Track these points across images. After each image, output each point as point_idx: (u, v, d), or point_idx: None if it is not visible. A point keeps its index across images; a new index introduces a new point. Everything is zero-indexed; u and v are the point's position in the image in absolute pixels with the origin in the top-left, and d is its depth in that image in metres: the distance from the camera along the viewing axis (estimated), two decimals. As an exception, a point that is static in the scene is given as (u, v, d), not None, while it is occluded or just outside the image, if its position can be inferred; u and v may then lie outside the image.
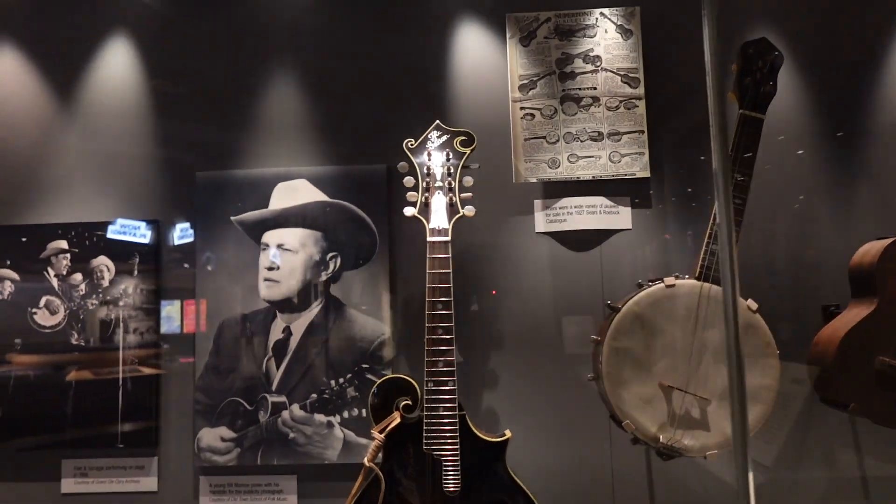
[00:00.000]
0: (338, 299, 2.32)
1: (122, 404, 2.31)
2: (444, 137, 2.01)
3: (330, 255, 2.33)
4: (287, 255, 2.34)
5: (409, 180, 1.98)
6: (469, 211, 1.92)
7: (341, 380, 2.29)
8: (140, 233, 2.34)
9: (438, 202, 1.89)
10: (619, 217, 2.33)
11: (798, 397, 2.03)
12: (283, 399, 2.30)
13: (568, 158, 2.32)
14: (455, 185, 1.92)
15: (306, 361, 2.31)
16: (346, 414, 2.28)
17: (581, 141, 2.33)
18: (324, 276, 2.33)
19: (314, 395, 2.29)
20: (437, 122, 2.05)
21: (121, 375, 2.32)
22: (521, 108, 2.35)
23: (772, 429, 2.03)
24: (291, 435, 2.27)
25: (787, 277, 2.26)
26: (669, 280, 1.75)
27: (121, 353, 2.33)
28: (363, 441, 2.26)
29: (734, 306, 1.08)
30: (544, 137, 2.34)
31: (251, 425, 2.29)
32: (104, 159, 2.43)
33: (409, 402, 1.77)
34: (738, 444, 1.08)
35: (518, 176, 2.32)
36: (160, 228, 2.39)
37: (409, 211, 1.92)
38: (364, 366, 2.29)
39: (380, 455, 1.74)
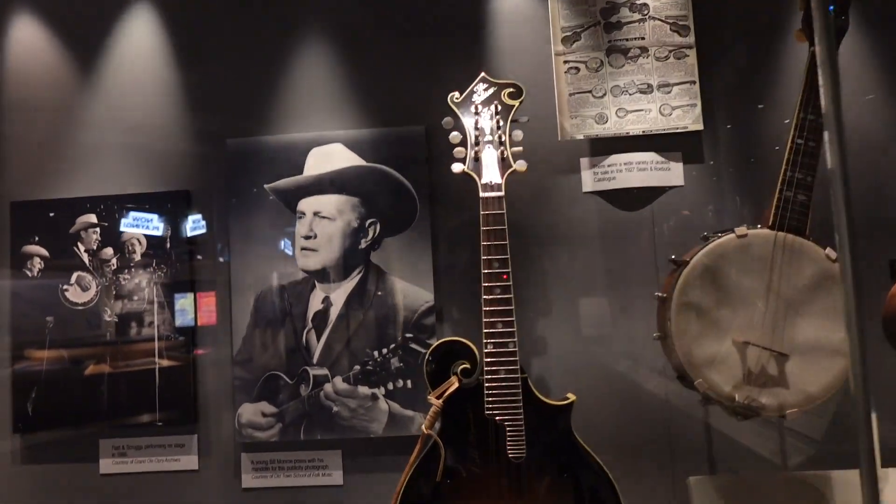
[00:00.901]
0: (378, 267, 2.23)
1: (160, 381, 2.24)
2: (491, 90, 1.90)
3: (369, 221, 2.24)
4: (324, 223, 2.25)
5: (455, 136, 1.88)
6: (521, 166, 1.81)
7: (385, 350, 2.20)
8: (153, 225, 2.25)
9: (489, 157, 1.79)
10: (671, 173, 2.21)
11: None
12: (324, 372, 2.21)
13: (616, 113, 2.21)
14: (506, 138, 1.81)
15: (348, 332, 2.22)
16: (390, 385, 2.19)
17: (629, 94, 2.21)
18: (363, 244, 2.23)
19: (357, 367, 2.20)
20: (483, 73, 1.94)
21: (156, 350, 2.24)
22: (565, 62, 2.23)
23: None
24: (335, 408, 2.19)
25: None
26: (741, 230, 1.64)
27: (155, 329, 2.25)
28: (409, 413, 2.18)
29: (853, 267, 0.95)
30: (590, 92, 2.22)
31: (292, 399, 2.20)
32: (131, 129, 2.33)
33: (468, 366, 1.67)
34: (862, 420, 0.94)
35: (563, 133, 2.20)
36: (190, 198, 2.30)
37: (457, 167, 1.82)
38: (408, 335, 2.19)
39: (438, 422, 1.65)
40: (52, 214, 2.29)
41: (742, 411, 1.59)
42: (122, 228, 2.24)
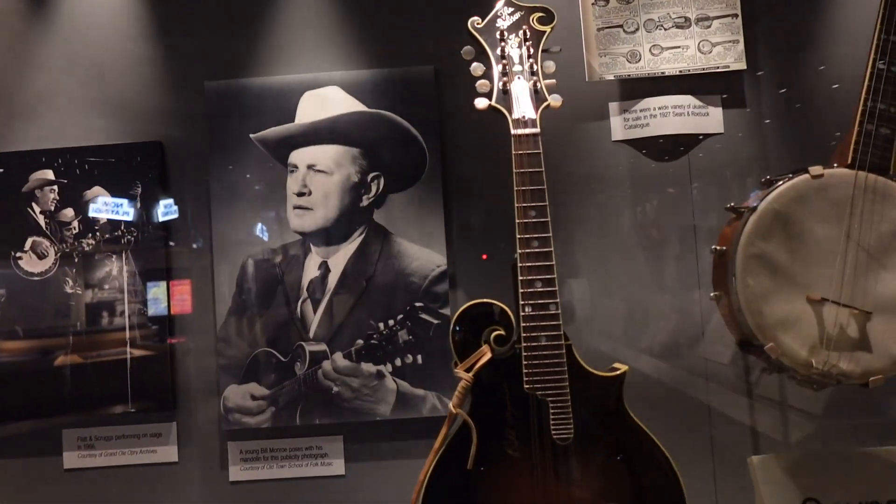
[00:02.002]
0: (383, 227, 1.96)
1: (131, 360, 1.95)
2: (518, 15, 1.64)
3: (371, 175, 1.96)
4: (320, 178, 1.96)
5: (477, 67, 1.60)
6: (556, 100, 1.55)
7: (391, 322, 1.94)
8: (123, 210, 1.95)
9: (520, 89, 1.52)
10: (710, 119, 1.97)
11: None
12: (322, 347, 1.94)
13: (650, 50, 1.96)
14: (538, 68, 1.55)
15: (349, 302, 1.94)
16: (398, 362, 1.93)
17: (665, 29, 1.96)
18: (365, 201, 1.96)
19: (360, 342, 1.93)
20: (506, -3, 1.68)
21: (127, 326, 1.95)
22: (592, -7, 1.98)
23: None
24: (335, 389, 1.92)
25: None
26: (816, 169, 1.41)
27: (126, 302, 1.96)
28: (420, 392, 1.92)
29: None
30: (621, 26, 1.97)
31: (286, 379, 1.93)
32: (91, 72, 1.98)
33: (502, 333, 1.41)
34: None
35: (591, 73, 1.95)
36: (164, 151, 2.00)
37: (481, 102, 1.56)
38: (417, 304, 1.93)
39: (468, 399, 1.39)
40: (0, 170, 1.97)
41: (819, 379, 1.37)
42: (90, 214, 1.93)
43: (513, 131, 1.49)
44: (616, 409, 1.40)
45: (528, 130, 1.48)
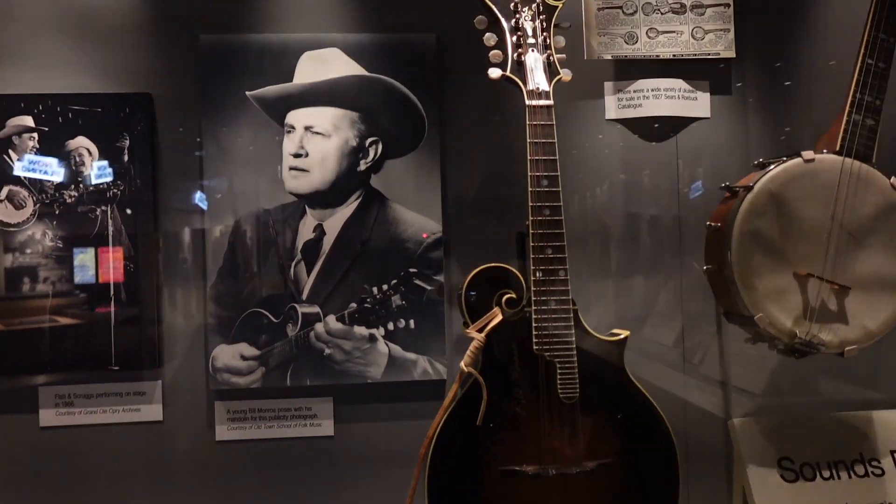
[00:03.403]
0: (380, 192, 1.96)
1: (115, 319, 1.90)
2: (531, -13, 1.68)
3: (369, 140, 1.96)
4: (317, 140, 1.94)
5: (489, 37, 1.62)
6: (566, 75, 1.59)
7: (385, 286, 1.95)
8: (52, 170, 1.87)
9: (534, 61, 1.55)
10: (698, 104, 2.05)
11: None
12: (315, 310, 1.94)
13: (647, 33, 2.02)
14: (551, 41, 1.59)
15: (343, 265, 1.94)
16: (390, 326, 1.95)
17: (662, 13, 2.02)
18: (363, 166, 1.95)
19: (353, 305, 1.94)
20: (520, -32, 1.71)
21: (112, 282, 1.90)
22: (594, -28, 2.02)
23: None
24: (327, 351, 1.93)
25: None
26: (808, 154, 1.51)
27: (110, 251, 1.90)
28: (412, 356, 1.95)
29: None
30: (620, 8, 2.02)
31: (278, 340, 1.92)
32: (75, 13, 1.89)
33: (513, 296, 1.46)
34: None
35: (590, 52, 2.00)
36: (153, 103, 1.94)
37: (495, 72, 1.58)
38: (412, 270, 1.95)
39: (479, 359, 1.44)
40: (-27, 114, 1.86)
41: (801, 348, 1.49)
42: (16, 173, 1.83)
43: (527, 102, 1.52)
44: (617, 372, 1.48)
45: (542, 102, 1.52)
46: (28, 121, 1.85)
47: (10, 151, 1.86)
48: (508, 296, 1.46)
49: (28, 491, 1.88)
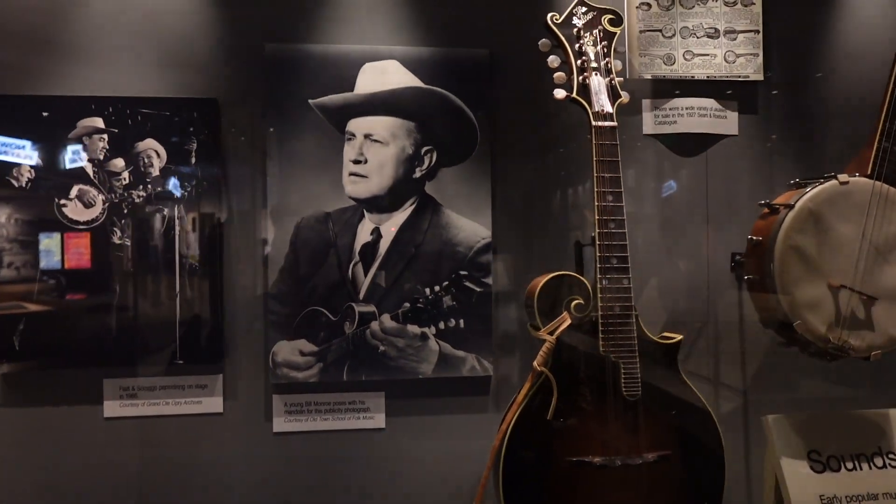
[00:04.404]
0: (433, 198, 2.06)
1: (181, 315, 1.97)
2: (591, 15, 1.78)
3: (425, 149, 2.06)
4: (376, 147, 2.04)
5: (553, 59, 1.75)
6: (626, 97, 1.72)
7: (437, 288, 2.06)
8: (25, 153, 1.88)
9: (598, 84, 1.68)
10: (727, 122, 2.20)
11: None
12: (371, 309, 2.04)
13: (683, 55, 2.16)
14: (612, 66, 1.72)
15: (398, 267, 2.05)
16: (441, 325, 2.06)
17: (697, 37, 2.17)
18: (418, 173, 2.06)
19: (407, 305, 2.04)
20: (580, -4, 1.82)
21: (177, 279, 1.97)
22: (637, -4, 2.15)
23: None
24: (381, 348, 2.03)
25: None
26: (843, 177, 1.67)
27: (176, 256, 1.97)
28: (461, 354, 2.07)
29: None
30: (660, 31, 2.15)
31: (335, 337, 2.02)
32: (145, 19, 1.95)
33: (581, 302, 1.59)
34: None
35: (633, 71, 2.13)
36: (219, 109, 2.01)
37: (560, 93, 1.70)
38: (462, 273, 2.07)
39: (550, 359, 1.57)
40: (45, 114, 1.89)
41: (833, 352, 1.65)
42: None
43: (593, 123, 1.65)
44: (672, 371, 1.62)
45: (607, 123, 1.64)
46: (98, 122, 1.91)
47: (81, 152, 1.91)
48: (577, 301, 1.59)
49: (91, 479, 1.94)
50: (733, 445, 1.97)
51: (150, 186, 1.93)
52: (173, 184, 1.94)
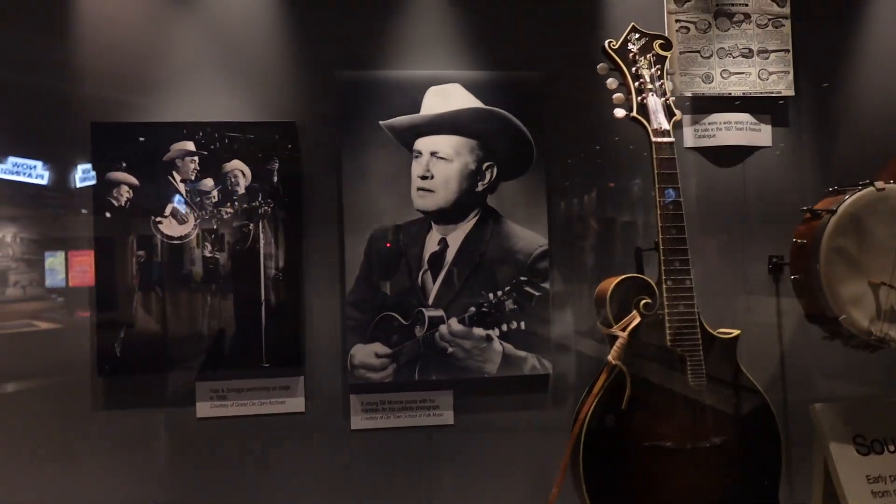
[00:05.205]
0: (495, 210, 2.22)
1: (266, 322, 2.12)
2: (643, 41, 1.95)
3: (486, 164, 2.22)
4: (441, 164, 2.20)
5: (611, 82, 1.92)
6: (679, 115, 1.89)
7: (500, 293, 2.21)
8: (36, 173, 2.02)
9: (654, 104, 1.85)
10: (761, 134, 2.37)
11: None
12: (440, 313, 2.19)
13: (721, 74, 2.33)
14: (667, 87, 1.88)
15: (464, 274, 2.20)
16: (504, 327, 2.20)
17: (733, 57, 2.33)
18: (480, 187, 2.21)
19: (472, 309, 2.19)
20: (633, 24, 1.96)
21: (262, 289, 2.12)
22: (677, 21, 2.31)
23: None
24: (450, 349, 2.18)
25: None
26: (880, 184, 1.83)
27: (261, 267, 2.12)
28: (522, 354, 2.21)
29: None
30: (699, 52, 2.32)
31: (407, 340, 2.17)
32: (229, 50, 2.10)
33: (649, 301, 1.75)
34: None
35: (674, 90, 2.30)
36: (296, 130, 2.17)
37: (620, 112, 1.86)
38: (522, 278, 2.22)
39: (623, 353, 1.72)
40: (141, 139, 2.06)
41: (875, 344, 1.80)
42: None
43: (653, 139, 1.81)
44: (732, 363, 1.77)
45: (665, 139, 1.81)
46: (190, 146, 2.08)
47: (174, 173, 2.07)
48: (645, 301, 1.75)
49: (186, 475, 2.09)
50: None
51: (237, 203, 2.09)
52: (258, 201, 2.10)
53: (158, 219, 2.06)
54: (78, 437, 2.04)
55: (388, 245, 2.15)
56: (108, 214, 2.04)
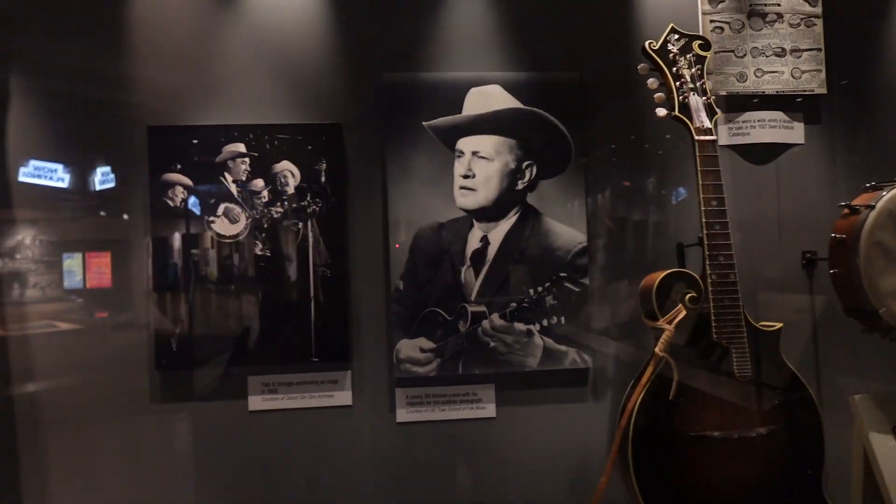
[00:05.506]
0: (534, 208, 2.28)
1: (315, 317, 2.18)
2: (682, 41, 2.00)
3: (525, 163, 2.28)
4: (482, 163, 2.26)
5: (652, 81, 1.97)
6: (720, 113, 1.94)
7: (540, 288, 2.27)
8: (57, 176, 2.08)
9: (696, 103, 1.90)
10: (794, 132, 2.41)
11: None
12: (482, 309, 2.25)
13: (754, 73, 2.38)
14: (707, 87, 1.93)
15: (505, 270, 2.26)
16: (545, 322, 2.26)
17: (766, 56, 2.38)
18: (520, 185, 2.27)
19: (513, 304, 2.25)
20: (672, 25, 2.02)
21: (311, 286, 2.18)
22: (711, 21, 2.36)
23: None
24: (492, 344, 2.23)
25: None
26: (917, 180, 1.88)
27: (311, 263, 2.19)
28: (563, 348, 2.27)
29: None
30: (732, 51, 2.37)
31: (451, 335, 2.23)
32: (277, 56, 2.17)
33: (695, 295, 1.80)
34: None
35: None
36: (342, 132, 2.23)
37: (661, 111, 1.91)
38: (562, 274, 2.27)
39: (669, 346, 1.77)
40: (195, 142, 2.13)
41: (914, 333, 1.84)
42: (20, 178, 2.05)
43: (696, 137, 1.86)
44: (775, 354, 1.82)
45: (708, 137, 1.85)
46: (241, 147, 2.14)
47: (226, 174, 2.14)
48: (690, 294, 1.80)
49: (239, 466, 2.15)
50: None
51: (286, 203, 2.16)
52: (306, 200, 2.16)
53: (211, 218, 2.13)
54: (138, 428, 2.11)
55: (432, 243, 2.21)
56: (163, 214, 2.11)
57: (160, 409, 2.12)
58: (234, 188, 2.14)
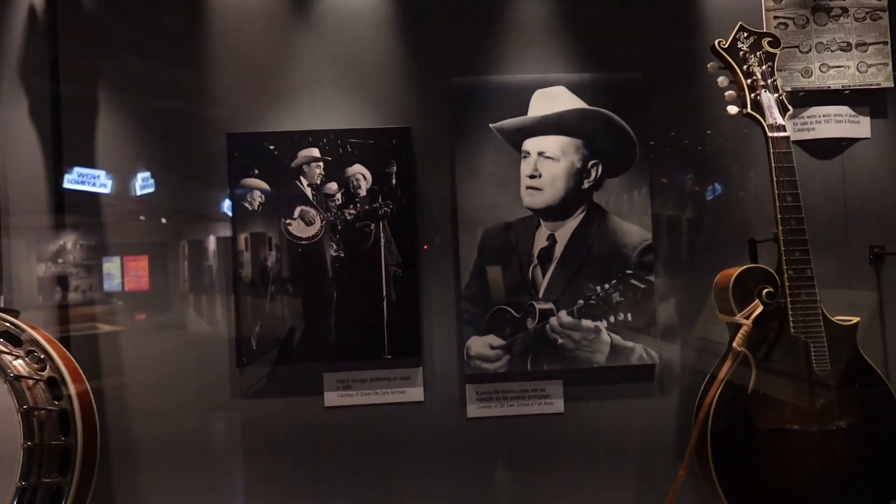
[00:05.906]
0: (600, 206, 2.30)
1: (388, 316, 2.24)
2: (752, 39, 2.01)
3: (591, 162, 2.31)
4: (548, 163, 2.30)
5: (722, 80, 1.98)
6: (792, 110, 1.94)
7: (606, 286, 2.30)
8: (100, 182, 2.15)
9: (768, 100, 1.91)
10: (860, 126, 2.40)
11: None
12: (550, 306, 2.29)
13: (819, 68, 2.37)
14: (778, 84, 1.94)
15: (571, 268, 2.29)
16: (612, 318, 2.29)
17: (832, 51, 2.37)
18: (586, 184, 2.30)
19: (581, 302, 2.29)
20: (741, 23, 2.04)
21: (384, 285, 2.25)
22: (775, 18, 2.36)
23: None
24: (560, 341, 2.27)
25: None
26: None
27: (383, 263, 2.25)
28: (630, 344, 2.29)
29: None
30: (797, 47, 2.37)
31: (520, 332, 2.27)
32: (348, 63, 2.25)
33: (771, 290, 1.82)
34: None
35: (774, 84, 2.35)
36: (412, 135, 2.29)
37: (733, 109, 1.93)
38: (628, 271, 2.30)
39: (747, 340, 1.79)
40: (271, 147, 2.22)
41: None
42: (65, 185, 2.13)
43: (769, 134, 1.87)
44: (852, 348, 1.82)
45: (781, 134, 1.86)
46: (315, 152, 2.21)
47: (301, 178, 2.21)
48: (767, 290, 1.81)
49: (315, 460, 2.22)
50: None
51: (359, 205, 2.22)
52: (378, 202, 2.22)
53: (288, 221, 2.20)
54: (220, 423, 2.20)
55: (500, 242, 2.25)
56: (242, 217, 2.19)
57: (244, 405, 2.20)
58: (308, 191, 2.21)
